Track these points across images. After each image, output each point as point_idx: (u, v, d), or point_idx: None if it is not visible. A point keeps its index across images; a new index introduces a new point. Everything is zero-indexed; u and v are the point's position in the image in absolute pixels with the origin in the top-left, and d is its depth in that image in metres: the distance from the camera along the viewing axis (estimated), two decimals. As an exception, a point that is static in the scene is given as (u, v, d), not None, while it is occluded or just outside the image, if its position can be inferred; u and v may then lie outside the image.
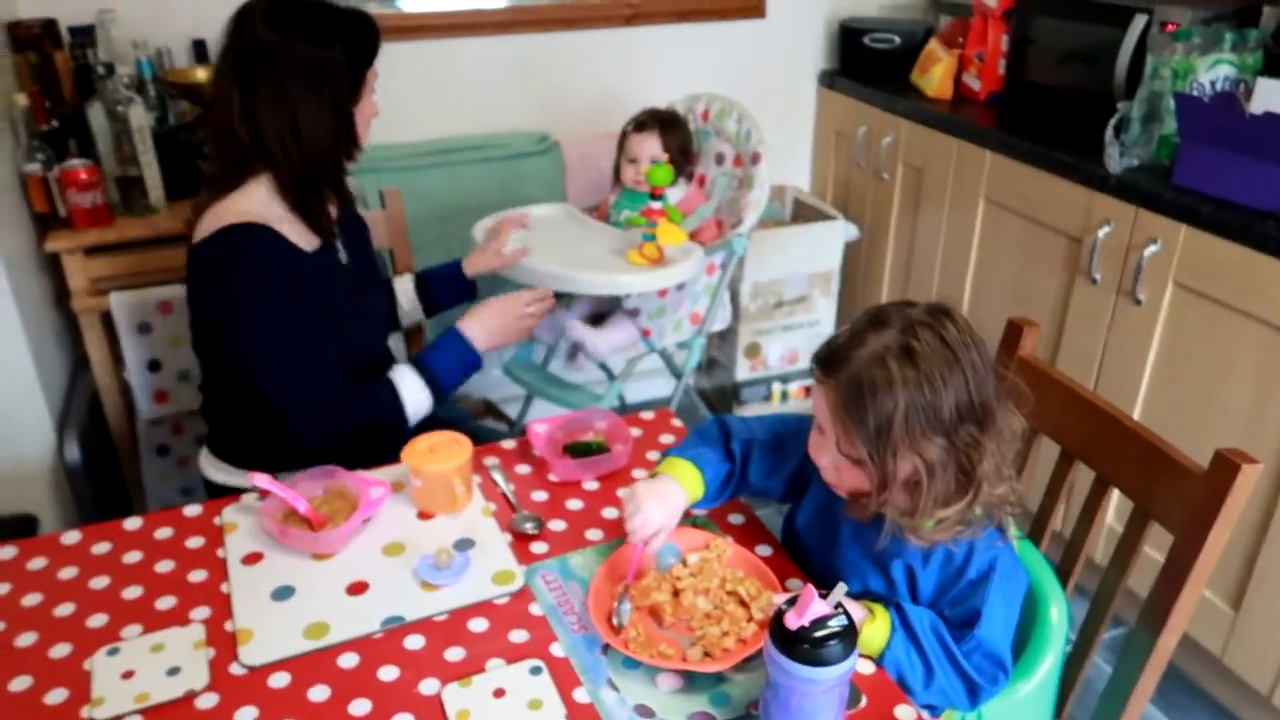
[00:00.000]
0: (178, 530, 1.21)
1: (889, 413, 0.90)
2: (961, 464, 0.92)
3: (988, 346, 0.95)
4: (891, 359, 0.90)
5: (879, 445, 0.91)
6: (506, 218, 1.93)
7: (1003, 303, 2.22)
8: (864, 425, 0.91)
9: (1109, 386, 1.94)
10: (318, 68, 1.33)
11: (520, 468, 1.34)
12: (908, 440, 0.91)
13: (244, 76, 1.32)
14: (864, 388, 0.91)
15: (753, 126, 2.16)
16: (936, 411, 0.90)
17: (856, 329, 0.95)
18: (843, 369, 0.93)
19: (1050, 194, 2.03)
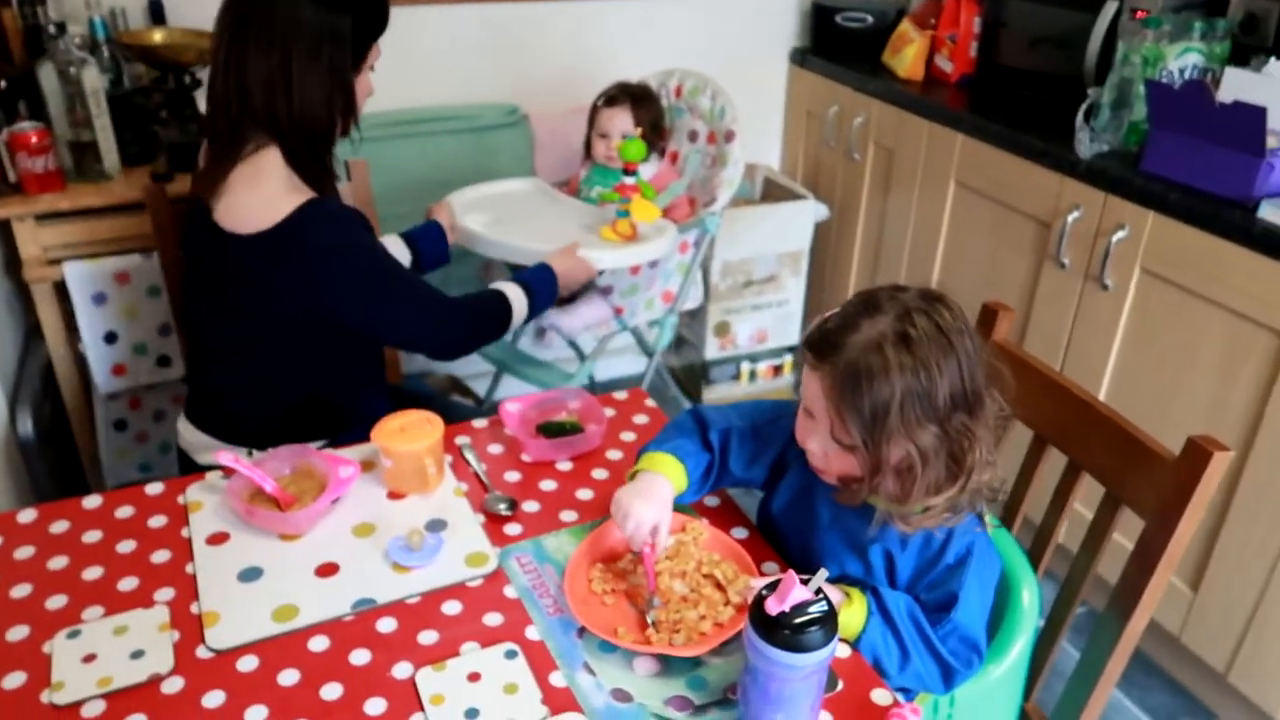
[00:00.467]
0: (139, 509, 1.18)
1: (885, 400, 0.89)
2: (953, 451, 0.92)
3: (975, 333, 0.95)
4: (888, 345, 0.90)
5: (873, 432, 0.91)
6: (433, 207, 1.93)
7: (972, 286, 2.23)
8: (859, 412, 0.91)
9: (1075, 370, 1.97)
10: (323, 31, 1.31)
11: (492, 447, 1.32)
12: (903, 428, 0.90)
13: (241, 31, 1.30)
14: (860, 374, 0.90)
15: (726, 104, 2.14)
16: (932, 399, 0.90)
17: (849, 314, 0.94)
18: (837, 355, 0.92)
19: (1020, 178, 2.04)
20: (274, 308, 1.37)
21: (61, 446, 2.00)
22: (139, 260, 1.87)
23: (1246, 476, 1.67)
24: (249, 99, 1.31)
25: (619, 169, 2.03)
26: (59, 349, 1.92)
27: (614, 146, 2.05)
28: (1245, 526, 1.69)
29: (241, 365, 1.45)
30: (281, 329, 1.40)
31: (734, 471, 1.16)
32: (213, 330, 1.46)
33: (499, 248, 1.85)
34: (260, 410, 1.47)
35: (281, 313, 1.38)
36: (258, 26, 1.29)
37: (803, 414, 1.00)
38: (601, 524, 1.13)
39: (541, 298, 1.65)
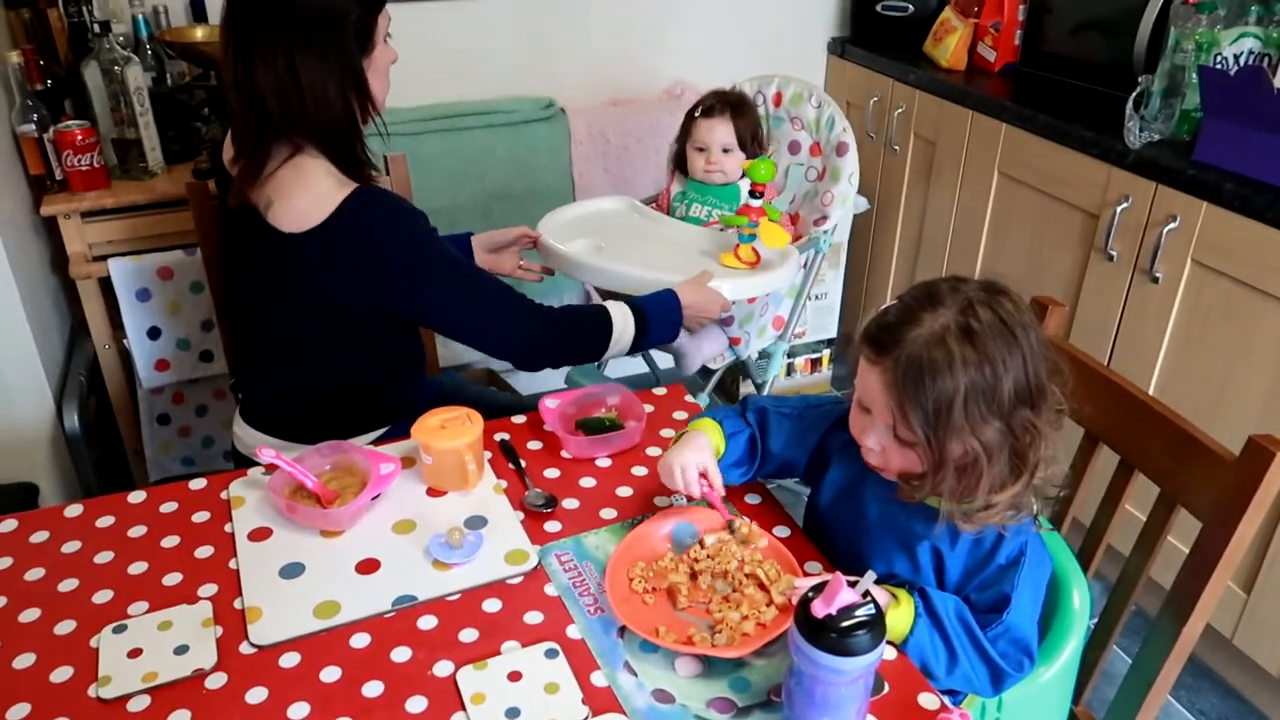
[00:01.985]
0: (183, 504, 1.19)
1: (949, 395, 0.88)
2: (1016, 448, 0.90)
3: (1038, 325, 0.93)
4: (951, 339, 0.88)
5: (936, 428, 0.89)
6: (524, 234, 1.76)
7: (1016, 279, 2.18)
8: (921, 407, 0.89)
9: (1123, 365, 1.92)
10: (320, 23, 1.26)
11: (532, 444, 1.31)
12: (966, 424, 0.88)
13: (244, 44, 1.26)
14: (923, 369, 0.88)
15: (835, 114, 2.01)
16: (996, 394, 0.88)
17: (909, 306, 0.92)
18: (899, 349, 0.90)
19: (1067, 169, 1.99)
20: (331, 300, 1.35)
21: (107, 440, 2.03)
22: (181, 256, 1.88)
23: (1304, 475, 1.62)
24: (265, 110, 1.28)
25: (718, 185, 1.94)
26: (104, 344, 1.95)
27: (713, 160, 1.93)
28: (1302, 526, 1.64)
29: (293, 361, 1.44)
30: (336, 323, 1.38)
31: (773, 450, 1.14)
32: (265, 328, 1.44)
33: (612, 277, 1.65)
34: (311, 405, 1.46)
35: (337, 305, 1.35)
36: (256, 35, 1.25)
37: (857, 410, 0.98)
38: (642, 521, 1.12)
39: (657, 329, 1.49)
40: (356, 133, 1.35)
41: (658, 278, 1.60)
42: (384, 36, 1.34)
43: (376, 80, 1.34)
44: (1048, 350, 0.93)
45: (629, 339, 1.46)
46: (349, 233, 1.28)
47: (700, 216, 1.97)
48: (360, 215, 1.29)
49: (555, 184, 2.45)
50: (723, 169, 1.94)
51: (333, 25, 1.27)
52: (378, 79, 1.35)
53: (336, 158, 1.33)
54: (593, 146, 2.47)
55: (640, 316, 1.47)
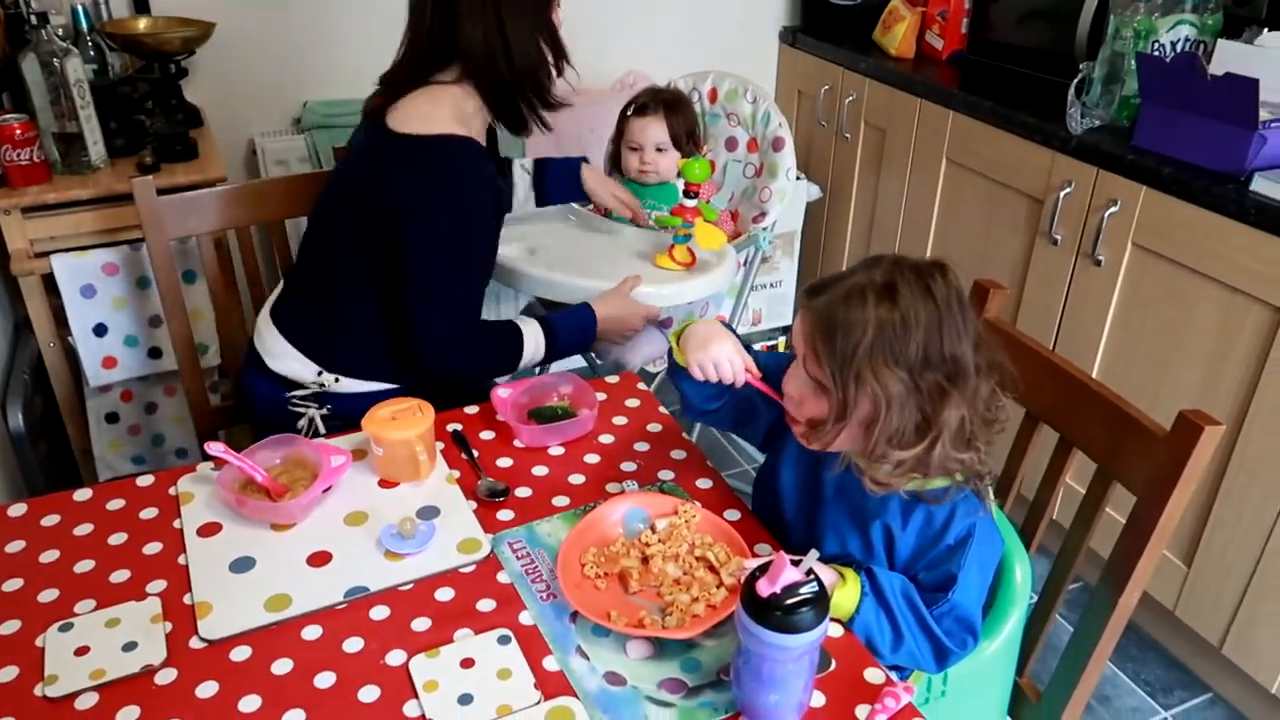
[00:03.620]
0: (130, 501, 1.18)
1: (857, 339, 0.92)
2: (922, 407, 0.93)
3: (974, 315, 0.95)
4: (871, 291, 0.93)
5: (842, 369, 0.93)
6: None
7: (965, 263, 2.23)
8: (831, 347, 0.94)
9: (1068, 346, 1.97)
10: None
11: (484, 434, 1.32)
12: (870, 368, 0.92)
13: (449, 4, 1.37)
14: (838, 313, 0.93)
15: (771, 109, 2.01)
16: (903, 348, 0.92)
17: (852, 268, 0.98)
18: (825, 295, 0.95)
19: (1012, 155, 2.03)
20: (382, 210, 1.40)
21: (53, 440, 1.99)
22: (127, 252, 1.86)
23: (1239, 450, 1.68)
24: (470, 65, 1.39)
25: (654, 184, 1.93)
26: (48, 342, 1.91)
27: (647, 160, 1.93)
28: (1238, 500, 1.69)
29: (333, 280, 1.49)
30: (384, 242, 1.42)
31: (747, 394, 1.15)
32: (325, 237, 1.51)
33: (542, 284, 1.65)
34: (343, 336, 1.50)
35: (381, 221, 1.41)
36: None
37: (793, 364, 1.01)
38: (594, 509, 1.13)
39: (566, 345, 1.54)
40: (550, 85, 1.44)
41: (593, 285, 1.62)
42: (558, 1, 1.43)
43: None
44: (982, 340, 0.96)
45: (534, 360, 1.53)
46: (419, 159, 1.37)
47: None
48: (434, 153, 1.37)
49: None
50: (656, 168, 1.93)
51: None
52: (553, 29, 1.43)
53: (505, 107, 1.43)
54: (546, 138, 2.45)
55: (551, 337, 1.52)
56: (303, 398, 1.50)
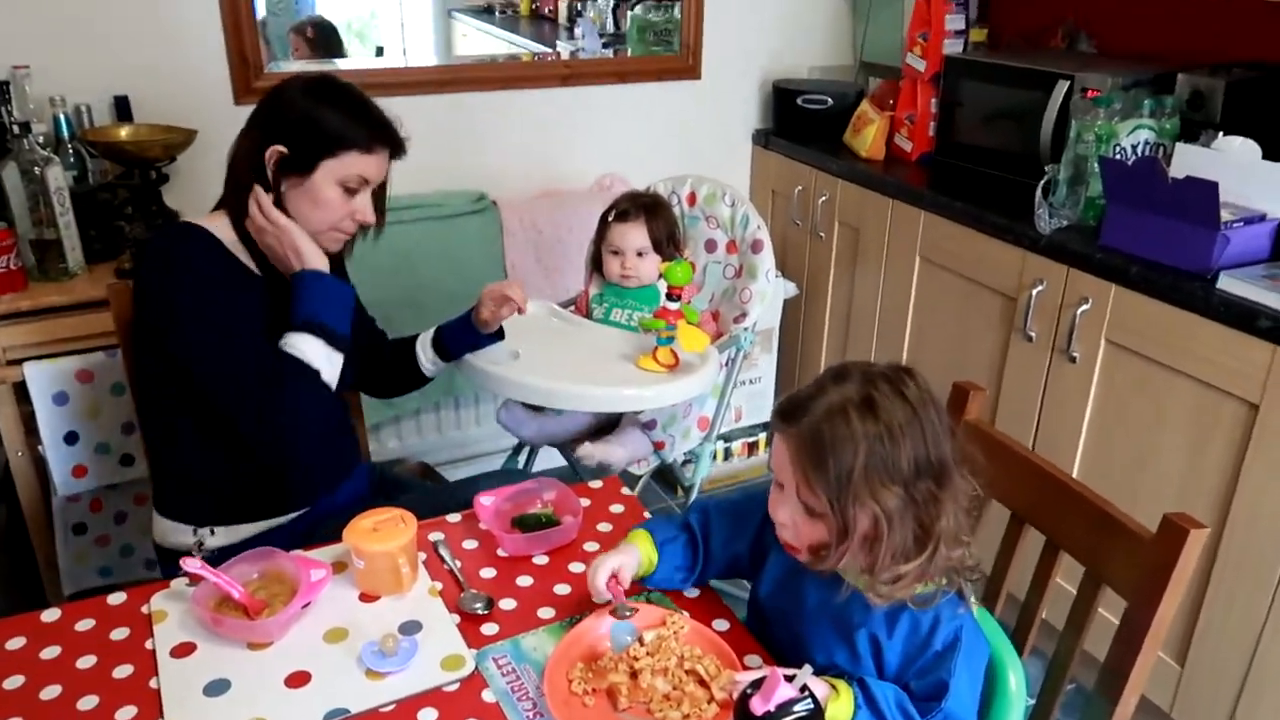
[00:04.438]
0: (100, 621, 1.15)
1: (850, 461, 0.92)
2: (919, 518, 0.94)
3: (944, 410, 0.97)
4: (852, 409, 0.93)
5: (840, 494, 0.93)
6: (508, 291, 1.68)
7: (942, 360, 2.27)
8: (825, 473, 0.93)
9: (1047, 443, 1.99)
10: (280, 122, 1.41)
11: (467, 543, 1.31)
12: (867, 489, 0.92)
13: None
14: (824, 436, 0.93)
15: (749, 212, 2.06)
16: (895, 462, 0.93)
17: (818, 383, 0.98)
18: (804, 418, 0.95)
19: (984, 253, 2.09)
20: (144, 340, 1.44)
21: (17, 552, 1.95)
22: (102, 358, 1.85)
23: (1224, 545, 1.69)
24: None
25: (635, 287, 1.97)
26: (16, 451, 1.89)
27: (629, 265, 1.96)
28: (1226, 597, 1.70)
29: (156, 424, 1.48)
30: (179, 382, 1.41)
31: (715, 551, 1.17)
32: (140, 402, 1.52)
33: (526, 390, 1.67)
34: (209, 483, 1.47)
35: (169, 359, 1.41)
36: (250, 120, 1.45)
37: (774, 487, 1.02)
38: (580, 620, 1.12)
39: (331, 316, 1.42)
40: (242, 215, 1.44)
41: (580, 390, 1.64)
42: (336, 181, 1.41)
43: (303, 202, 1.42)
44: (953, 432, 0.98)
45: (324, 351, 1.40)
46: (151, 255, 1.41)
47: (622, 321, 1.98)
48: (164, 241, 1.42)
49: (488, 277, 2.48)
50: (638, 273, 1.96)
51: (274, 120, 1.41)
52: (305, 203, 1.42)
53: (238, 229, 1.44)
54: (525, 238, 2.52)
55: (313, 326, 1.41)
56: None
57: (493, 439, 2.64)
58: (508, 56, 2.60)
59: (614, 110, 2.69)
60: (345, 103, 1.42)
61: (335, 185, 1.42)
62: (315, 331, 1.40)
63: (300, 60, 2.36)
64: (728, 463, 2.79)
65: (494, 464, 2.47)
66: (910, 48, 2.52)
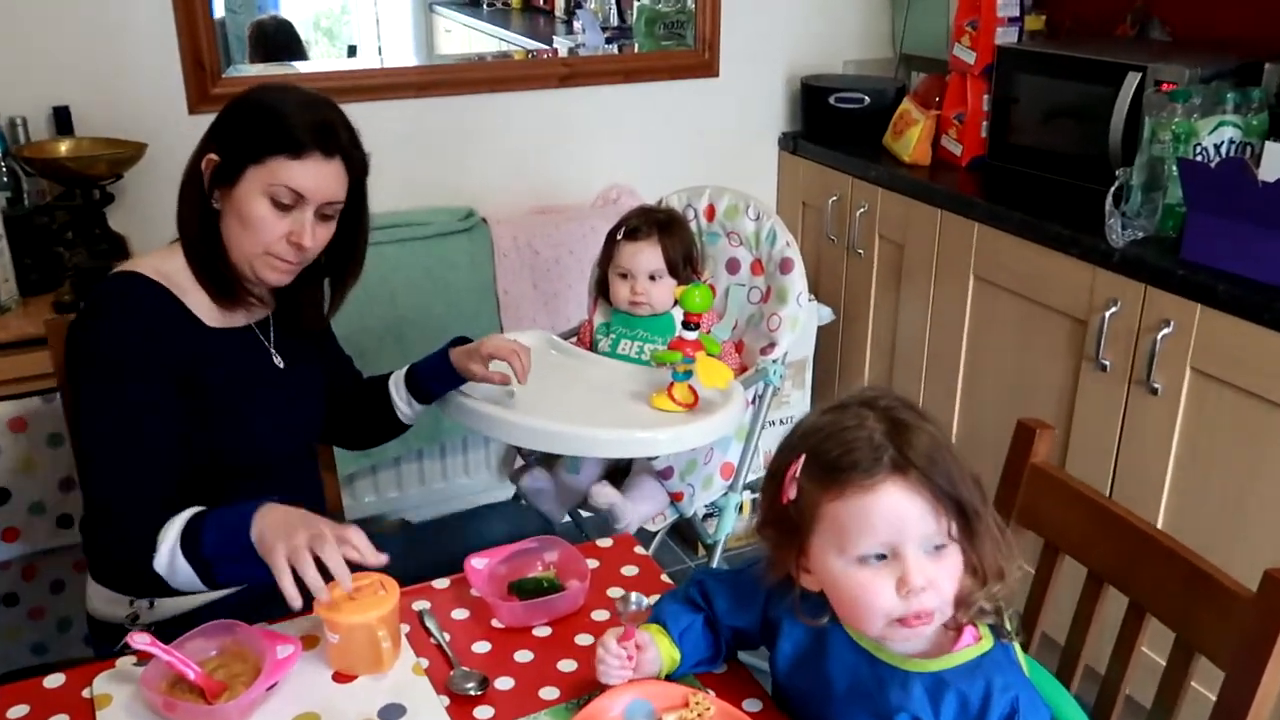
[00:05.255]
0: (36, 706, 1.15)
1: (953, 471, 0.97)
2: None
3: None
4: (907, 428, 0.98)
5: (961, 508, 0.97)
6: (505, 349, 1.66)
7: (1002, 394, 2.27)
8: (942, 494, 0.97)
9: (1127, 490, 1.98)
10: (217, 128, 1.43)
11: (457, 612, 1.31)
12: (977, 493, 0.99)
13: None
14: (940, 462, 0.98)
15: (777, 226, 2.06)
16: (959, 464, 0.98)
17: (836, 433, 1.01)
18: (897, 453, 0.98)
19: (1048, 270, 2.10)
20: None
21: (-60, 628, 1.95)
22: (38, 404, 1.86)
23: (1337, 606, 1.67)
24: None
25: (647, 315, 1.97)
26: (-60, 511, 1.90)
27: (639, 290, 1.95)
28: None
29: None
30: None
31: (724, 622, 1.17)
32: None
33: (522, 432, 1.66)
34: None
35: None
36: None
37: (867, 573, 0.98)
38: (589, 701, 1.11)
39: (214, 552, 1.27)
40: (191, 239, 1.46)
41: (582, 432, 1.63)
42: (262, 192, 1.40)
43: (231, 220, 1.43)
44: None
45: (175, 564, 1.29)
46: (78, 315, 1.43)
47: (632, 354, 1.98)
48: (89, 299, 1.44)
49: (478, 303, 2.50)
50: (650, 299, 1.96)
51: (215, 127, 1.44)
52: (234, 222, 1.43)
53: (190, 263, 1.46)
54: (519, 260, 2.54)
55: (193, 534, 1.29)
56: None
57: (485, 491, 2.65)
58: (498, 54, 2.64)
59: (620, 114, 2.72)
60: (282, 102, 1.43)
61: (262, 198, 1.40)
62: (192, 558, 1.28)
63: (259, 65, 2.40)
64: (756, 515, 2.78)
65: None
66: (958, 38, 2.55)
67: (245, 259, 1.44)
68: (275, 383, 1.54)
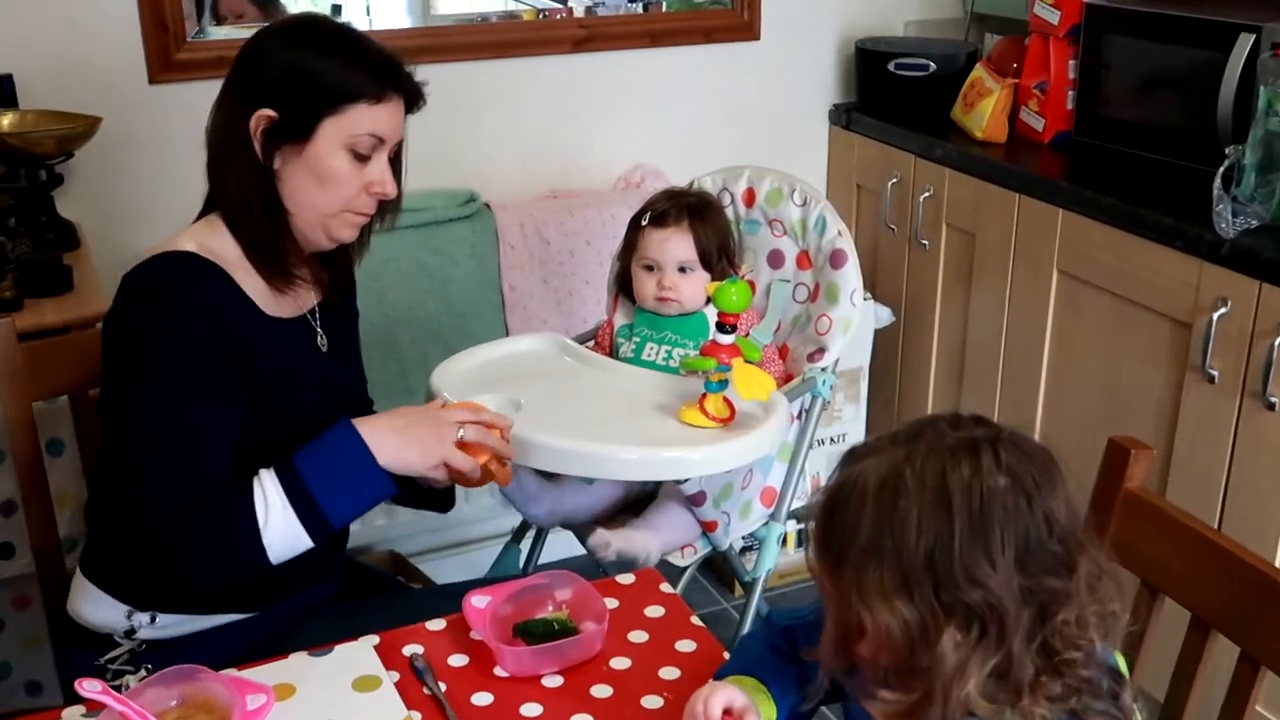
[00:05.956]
0: (-30, 764, 1.16)
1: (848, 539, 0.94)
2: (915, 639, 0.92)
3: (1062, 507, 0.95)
4: (874, 477, 0.95)
5: (837, 578, 0.95)
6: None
7: (1090, 408, 2.26)
8: (829, 547, 0.97)
9: (1239, 520, 1.97)
10: (262, 81, 1.44)
11: (455, 658, 1.31)
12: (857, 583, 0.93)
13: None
14: (838, 500, 0.96)
15: (827, 213, 2.05)
16: (900, 560, 0.92)
17: (887, 433, 1.01)
18: (838, 475, 0.98)
19: (1145, 264, 2.09)
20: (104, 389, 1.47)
21: None
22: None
23: None
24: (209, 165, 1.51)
25: (676, 315, 1.98)
26: None
27: (667, 284, 1.96)
28: None
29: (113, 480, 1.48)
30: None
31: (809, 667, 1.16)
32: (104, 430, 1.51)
33: (531, 450, 1.64)
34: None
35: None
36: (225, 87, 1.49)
37: None
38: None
39: (328, 487, 1.38)
40: (245, 209, 1.47)
41: (601, 450, 1.63)
42: (343, 144, 1.44)
43: (304, 180, 1.46)
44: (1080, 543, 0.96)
45: (285, 518, 1.37)
46: (121, 296, 1.44)
47: (657, 360, 1.97)
48: (139, 281, 1.43)
49: (479, 301, 2.51)
50: (679, 295, 1.96)
51: (255, 81, 1.45)
52: (307, 180, 1.46)
53: (241, 239, 1.48)
54: (528, 251, 2.54)
55: (296, 483, 1.38)
56: (117, 660, 1.48)
57: (485, 520, 2.65)
58: (503, 15, 2.65)
59: (645, 83, 2.73)
60: (341, 44, 1.46)
61: (342, 150, 1.44)
62: (298, 504, 1.37)
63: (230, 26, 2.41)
64: (802, 550, 2.77)
65: (486, 555, 2.47)
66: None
67: (319, 220, 1.48)
68: (322, 369, 1.59)
